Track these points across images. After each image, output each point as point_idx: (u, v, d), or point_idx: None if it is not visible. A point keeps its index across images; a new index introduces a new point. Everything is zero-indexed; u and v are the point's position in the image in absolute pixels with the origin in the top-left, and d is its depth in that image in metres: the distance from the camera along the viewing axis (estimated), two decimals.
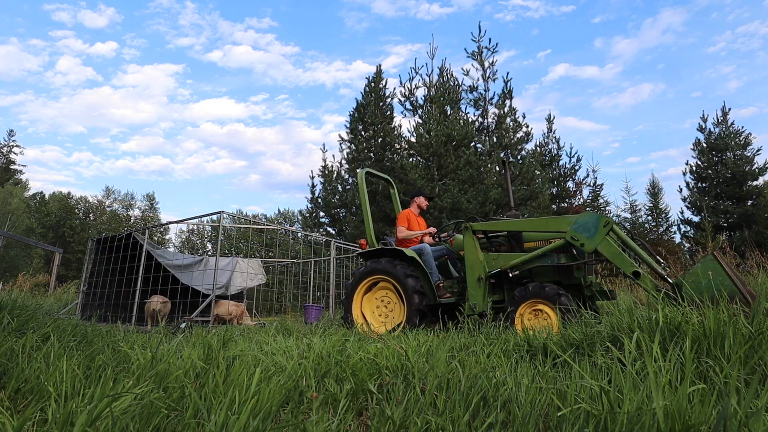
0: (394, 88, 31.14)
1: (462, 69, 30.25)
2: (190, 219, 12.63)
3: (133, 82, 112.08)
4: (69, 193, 73.15)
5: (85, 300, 14.50)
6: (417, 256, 9.08)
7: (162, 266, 13.25)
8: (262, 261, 17.86)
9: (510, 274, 8.28)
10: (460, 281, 9.30)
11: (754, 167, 35.75)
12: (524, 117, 27.41)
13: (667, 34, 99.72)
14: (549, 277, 8.24)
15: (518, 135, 26.77)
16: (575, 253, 8.09)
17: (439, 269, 9.38)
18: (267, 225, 14.54)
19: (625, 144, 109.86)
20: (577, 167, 35.20)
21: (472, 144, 25.35)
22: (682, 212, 38.77)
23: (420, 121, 26.14)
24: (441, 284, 8.87)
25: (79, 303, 14.33)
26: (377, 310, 9.27)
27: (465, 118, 26.45)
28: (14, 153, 64.87)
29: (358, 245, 11.22)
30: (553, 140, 35.62)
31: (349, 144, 29.17)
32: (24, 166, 66.10)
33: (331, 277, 14.69)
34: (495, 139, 26.50)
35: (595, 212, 9.75)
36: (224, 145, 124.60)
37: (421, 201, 10.90)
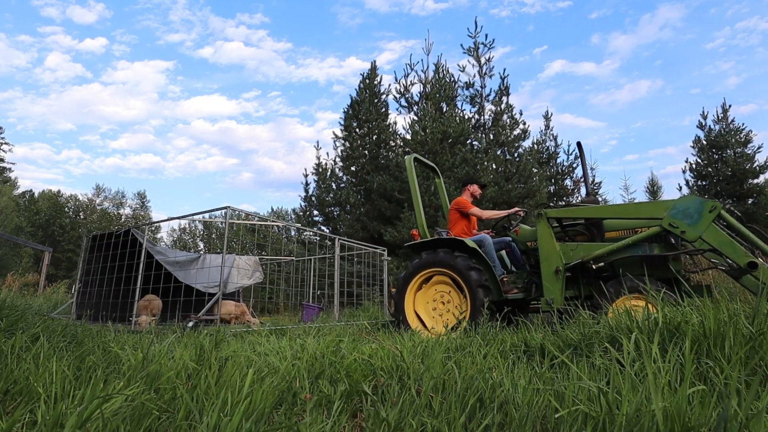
0: (389, 85, 31.33)
1: (458, 65, 30.22)
2: (196, 214, 12.28)
3: (122, 78, 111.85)
4: (59, 192, 73.21)
5: (80, 299, 14.10)
6: (478, 247, 8.51)
7: (157, 264, 13.15)
8: (259, 258, 17.64)
9: (594, 266, 7.63)
10: (527, 275, 8.78)
11: (755, 165, 35.75)
12: (521, 114, 27.47)
13: (665, 30, 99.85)
14: (635, 270, 7.34)
15: (515, 132, 26.79)
16: (672, 242, 7.56)
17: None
18: (274, 222, 14.26)
19: (622, 141, 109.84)
20: (575, 165, 35.18)
21: (468, 141, 25.34)
22: None
23: (415, 118, 26.13)
24: (505, 278, 8.45)
25: (74, 302, 14.00)
26: (432, 306, 8.72)
27: (461, 115, 26.45)
28: (3, 151, 64.54)
29: (409, 236, 10.68)
30: (551, 137, 35.58)
31: (343, 141, 29.13)
32: (13, 164, 65.75)
33: (336, 276, 14.24)
34: (492, 137, 26.51)
35: (697, 196, 9.10)
36: (216, 142, 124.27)
37: (475, 189, 10.15)
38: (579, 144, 9.45)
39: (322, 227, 28.29)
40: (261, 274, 16.41)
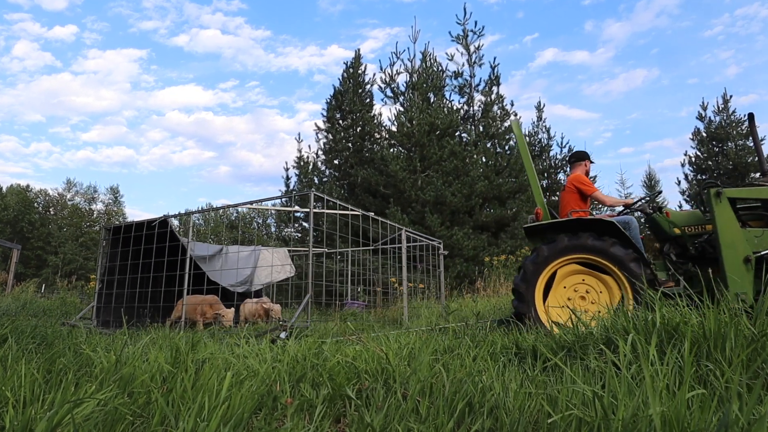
0: (374, 74, 31.29)
1: (446, 54, 30.29)
2: (270, 199, 11.80)
3: (94, 68, 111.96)
4: (27, 186, 73.02)
5: (100, 302, 12.88)
6: (625, 231, 7.56)
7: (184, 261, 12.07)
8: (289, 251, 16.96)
9: None
10: (675, 265, 7.82)
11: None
12: (512, 105, 27.57)
13: (662, 17, 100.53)
14: None
15: (506, 124, 26.82)
16: None
17: None
18: (354, 210, 12.89)
19: (617, 133, 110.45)
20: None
21: (456, 133, 25.38)
22: (680, 206, 38.90)
23: (401, 109, 26.14)
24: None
25: (94, 306, 12.79)
26: (568, 301, 7.45)
27: (449, 105, 26.51)
28: None
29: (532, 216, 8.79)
30: (543, 129, 35.61)
31: (326, 133, 29.10)
32: None
33: (403, 272, 13.09)
34: (481, 128, 26.57)
35: None
36: (191, 134, 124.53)
37: (589, 167, 9.18)
38: (751, 116, 8.40)
39: (304, 224, 28.23)
40: (292, 267, 15.67)
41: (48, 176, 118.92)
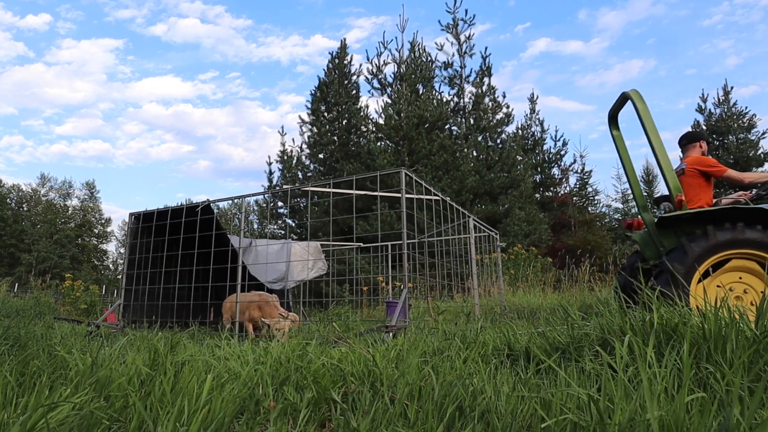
0: (360, 65, 31.49)
1: (436, 43, 30.27)
2: (367, 177, 10.68)
3: (68, 58, 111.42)
4: (0, 182, 72.64)
5: (127, 299, 11.91)
6: None
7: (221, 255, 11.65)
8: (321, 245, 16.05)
9: None
10: None
11: (759, 152, 35.94)
12: (504, 96, 27.54)
13: (658, 6, 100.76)
14: None
15: (498, 116, 26.89)
16: None
17: None
18: (437, 195, 11.63)
19: None
20: (562, 152, 35.33)
21: (446, 126, 25.40)
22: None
23: (389, 101, 26.16)
24: None
25: (121, 304, 11.80)
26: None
27: (439, 97, 26.52)
28: None
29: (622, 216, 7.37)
30: (537, 122, 35.66)
31: (310, 126, 29.12)
32: None
33: (472, 266, 12.40)
34: (472, 121, 26.60)
35: None
36: (170, 128, 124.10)
37: (705, 148, 8.34)
38: None
39: (288, 220, 28.23)
40: (324, 264, 14.86)
41: (21, 171, 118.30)
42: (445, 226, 14.02)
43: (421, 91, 26.25)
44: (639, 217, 7.71)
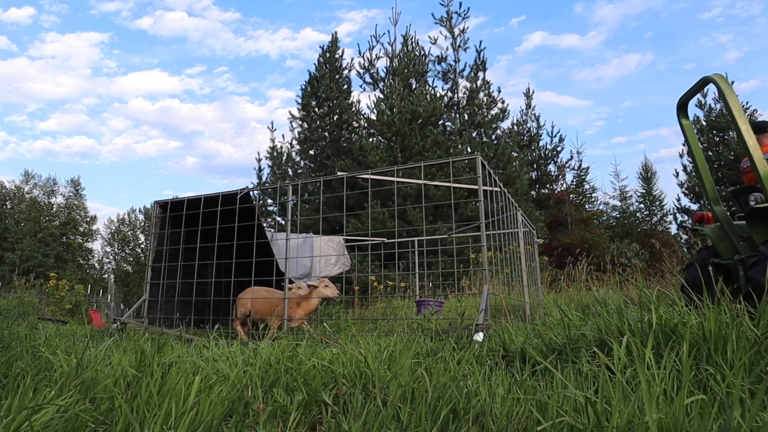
0: (352, 59, 31.30)
1: (429, 37, 30.26)
2: (442, 162, 9.58)
3: (52, 52, 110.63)
4: None
5: (153, 294, 11.27)
6: None
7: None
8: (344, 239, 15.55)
9: None
10: None
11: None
12: (499, 91, 27.55)
13: None
14: None
15: (493, 112, 26.90)
16: None
17: None
18: (500, 186, 10.68)
19: (610, 122, 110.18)
20: (559, 149, 35.41)
21: (440, 122, 25.39)
22: (678, 199, 38.98)
23: (381, 96, 26.16)
24: None
25: (146, 299, 11.16)
26: None
27: (432, 92, 26.55)
28: None
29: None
30: (533, 118, 35.72)
31: (300, 122, 29.11)
32: None
33: (522, 260, 11.37)
34: (466, 117, 26.60)
35: None
36: (156, 123, 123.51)
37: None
38: None
39: (278, 218, 28.20)
40: (347, 259, 14.69)
41: (4, 167, 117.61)
42: (492, 218, 13.57)
43: (414, 86, 26.25)
44: (709, 210, 7.38)
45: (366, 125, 26.38)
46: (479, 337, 6.47)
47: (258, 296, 10.21)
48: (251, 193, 11.22)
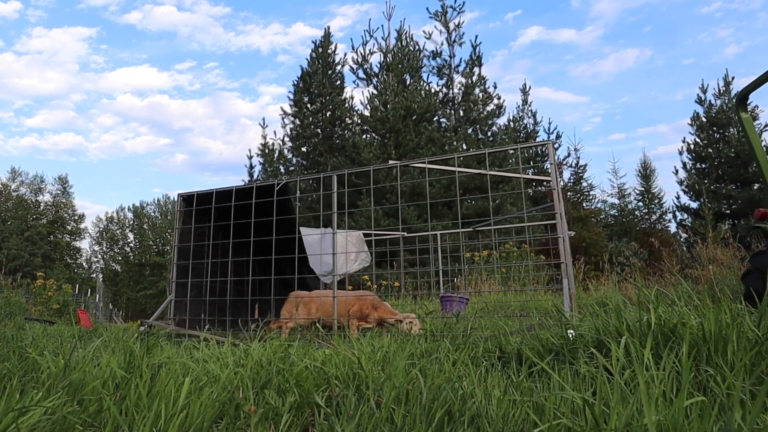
0: (345, 54, 31.26)
1: (424, 32, 30.29)
2: (524, 146, 8.35)
3: (39, 47, 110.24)
4: None
5: (180, 294, 10.86)
6: None
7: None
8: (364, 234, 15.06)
9: None
10: None
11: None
12: (495, 87, 27.56)
13: None
14: None
15: (488, 108, 26.94)
16: None
17: None
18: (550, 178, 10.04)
19: (607, 119, 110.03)
20: (556, 145, 35.35)
21: (435, 118, 25.41)
22: (678, 197, 39.16)
23: (375, 91, 26.20)
24: None
25: (172, 300, 10.76)
26: None
27: (427, 88, 26.56)
28: None
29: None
30: (529, 114, 35.66)
31: (292, 118, 29.10)
32: None
33: (563, 252, 10.75)
34: (462, 113, 26.63)
35: None
36: (145, 120, 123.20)
37: None
38: None
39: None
40: (368, 255, 13.97)
41: None
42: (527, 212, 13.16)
43: (408, 82, 26.30)
44: None
45: (359, 122, 26.43)
46: (571, 333, 6.35)
47: (325, 298, 9.73)
48: (288, 184, 10.93)
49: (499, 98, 27.11)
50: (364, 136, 24.88)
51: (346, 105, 27.67)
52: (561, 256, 7.77)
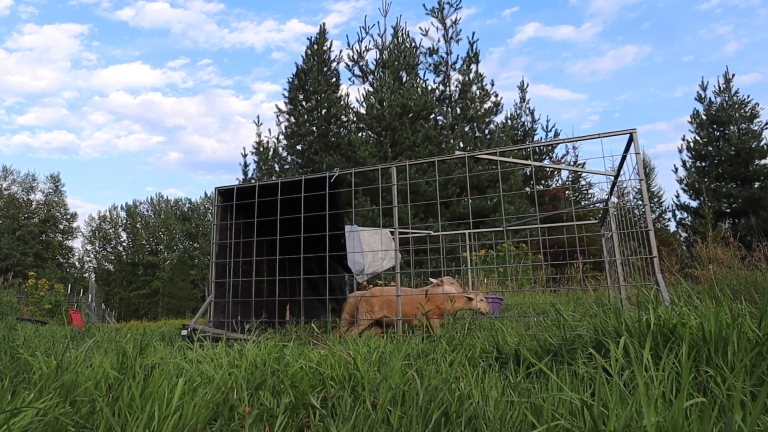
0: (341, 51, 31.26)
1: (420, 28, 30.26)
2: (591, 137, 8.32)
3: (30, 44, 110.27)
4: None
5: (219, 294, 10.42)
6: None
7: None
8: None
9: None
10: None
11: (762, 143, 35.70)
12: (492, 85, 27.53)
13: None
14: None
15: (486, 105, 26.92)
16: None
17: None
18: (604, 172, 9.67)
19: (606, 116, 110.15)
20: (554, 144, 35.33)
21: (431, 116, 25.39)
22: (677, 196, 39.04)
23: (371, 89, 26.16)
24: None
25: (212, 301, 10.28)
26: None
27: (423, 85, 26.54)
28: None
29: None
30: (527, 112, 35.61)
31: (287, 116, 29.07)
32: None
33: (615, 247, 10.68)
34: (459, 111, 26.60)
35: None
36: (138, 117, 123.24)
37: None
38: None
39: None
40: (398, 254, 12.22)
41: None
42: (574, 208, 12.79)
43: (404, 79, 26.27)
44: None
45: (355, 119, 26.41)
46: None
47: (390, 296, 9.28)
48: (342, 176, 10.42)
49: (496, 96, 27.16)
50: (360, 134, 24.87)
51: (342, 102, 27.65)
52: (651, 251, 7.67)
